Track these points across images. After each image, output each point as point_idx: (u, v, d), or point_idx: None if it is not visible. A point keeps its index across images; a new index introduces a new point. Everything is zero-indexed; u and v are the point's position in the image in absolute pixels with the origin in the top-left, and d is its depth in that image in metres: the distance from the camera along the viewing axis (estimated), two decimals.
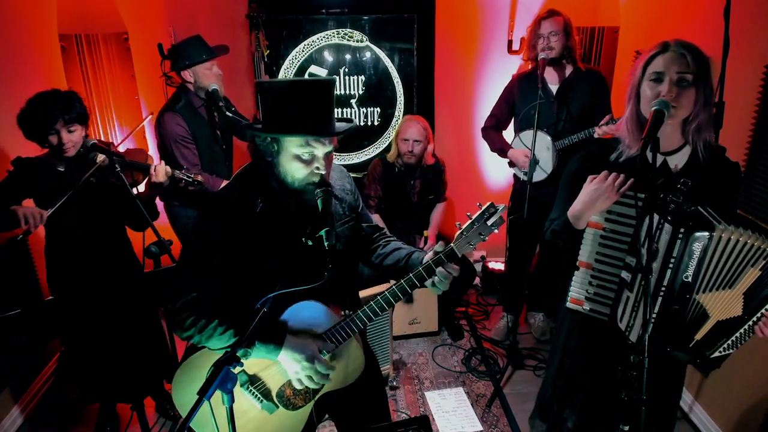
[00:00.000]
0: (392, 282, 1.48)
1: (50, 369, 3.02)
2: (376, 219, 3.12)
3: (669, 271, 1.42)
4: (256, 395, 1.53)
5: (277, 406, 1.55)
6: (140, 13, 3.41)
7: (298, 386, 1.51)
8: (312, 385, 1.50)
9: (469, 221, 1.42)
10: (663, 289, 1.44)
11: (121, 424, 2.67)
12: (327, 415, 1.80)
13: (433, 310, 3.40)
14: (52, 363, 3.05)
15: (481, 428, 2.67)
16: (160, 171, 2.32)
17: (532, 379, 3.01)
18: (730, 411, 2.41)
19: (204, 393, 1.10)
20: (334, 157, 1.52)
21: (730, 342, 1.48)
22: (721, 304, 1.44)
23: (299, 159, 1.38)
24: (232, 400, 1.16)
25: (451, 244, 1.43)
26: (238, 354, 1.31)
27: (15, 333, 1.96)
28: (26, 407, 2.78)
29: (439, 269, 1.42)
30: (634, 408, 1.34)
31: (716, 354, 1.50)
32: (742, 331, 1.46)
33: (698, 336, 1.48)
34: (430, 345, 3.37)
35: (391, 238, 1.76)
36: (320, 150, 1.38)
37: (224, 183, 2.73)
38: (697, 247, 1.38)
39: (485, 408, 2.80)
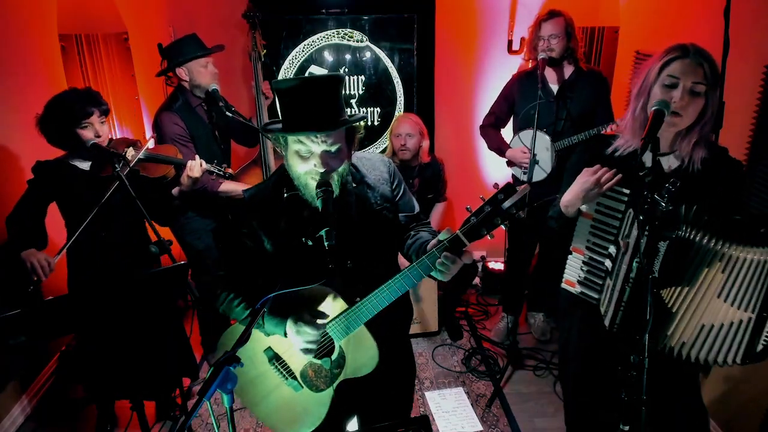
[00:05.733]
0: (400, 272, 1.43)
1: (50, 369, 3.02)
2: None
3: (636, 265, 1.48)
4: (282, 373, 1.62)
5: (302, 386, 1.62)
6: (140, 13, 3.41)
7: (309, 368, 1.58)
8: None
9: (480, 205, 1.29)
10: (631, 281, 1.52)
11: (121, 424, 2.67)
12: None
13: (433, 310, 3.40)
14: (52, 363, 3.05)
15: (481, 428, 2.67)
16: (195, 166, 2.43)
17: (532, 379, 3.01)
18: (730, 411, 2.41)
19: (204, 393, 1.10)
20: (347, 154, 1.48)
21: (766, 336, 1.48)
22: (689, 302, 1.49)
23: (298, 155, 1.41)
24: (232, 400, 1.16)
25: (457, 231, 1.33)
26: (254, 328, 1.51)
27: (15, 333, 1.95)
28: (26, 407, 2.78)
29: (445, 255, 1.33)
30: (634, 408, 1.35)
31: (760, 347, 1.49)
32: None
33: (683, 338, 1.52)
34: (430, 345, 3.37)
35: (423, 228, 1.69)
36: (315, 147, 1.38)
37: (224, 183, 2.73)
38: (662, 246, 1.44)
39: (485, 408, 2.80)
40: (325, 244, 1.35)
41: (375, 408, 1.82)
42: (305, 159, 1.40)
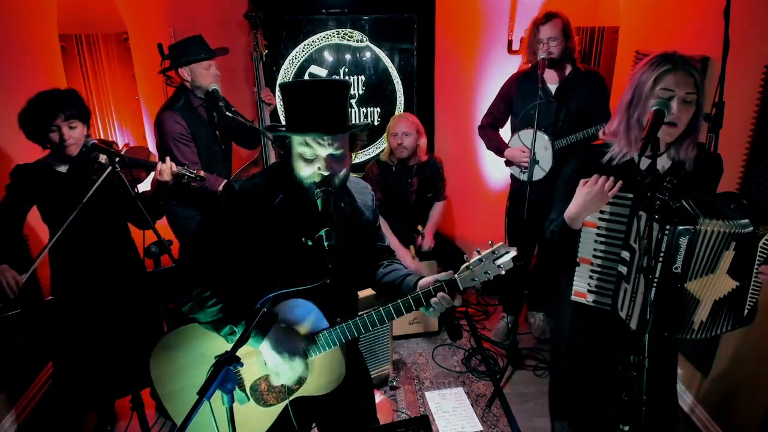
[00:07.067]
0: (389, 301, 1.45)
1: (49, 370, 3.02)
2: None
3: (659, 264, 1.53)
4: None
5: (249, 399, 1.56)
6: (140, 13, 3.41)
7: (274, 381, 1.52)
8: (288, 382, 1.50)
9: (477, 257, 1.39)
10: (655, 280, 1.54)
11: (121, 424, 2.67)
12: (314, 425, 1.81)
13: None
14: (51, 364, 3.04)
15: (481, 428, 2.67)
16: (166, 169, 2.32)
17: (532, 379, 3.01)
18: (730, 411, 2.41)
19: (204, 393, 1.10)
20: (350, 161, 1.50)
21: (749, 300, 1.60)
22: (710, 287, 1.55)
23: (302, 158, 1.40)
24: (231, 400, 1.16)
25: (455, 275, 1.40)
26: (221, 333, 1.43)
27: (14, 333, 1.95)
28: (25, 408, 2.78)
29: (441, 295, 1.40)
30: (634, 408, 1.35)
31: (746, 312, 1.61)
32: (752, 288, 1.58)
33: (701, 318, 1.57)
34: (430, 345, 3.37)
35: (396, 261, 1.76)
36: (321, 151, 1.38)
37: (224, 182, 2.73)
38: (683, 241, 1.49)
39: (485, 408, 2.80)
40: (325, 244, 1.35)
41: (338, 423, 1.78)
42: (309, 162, 1.40)
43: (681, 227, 1.47)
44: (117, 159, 2.14)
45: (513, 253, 1.37)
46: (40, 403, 2.87)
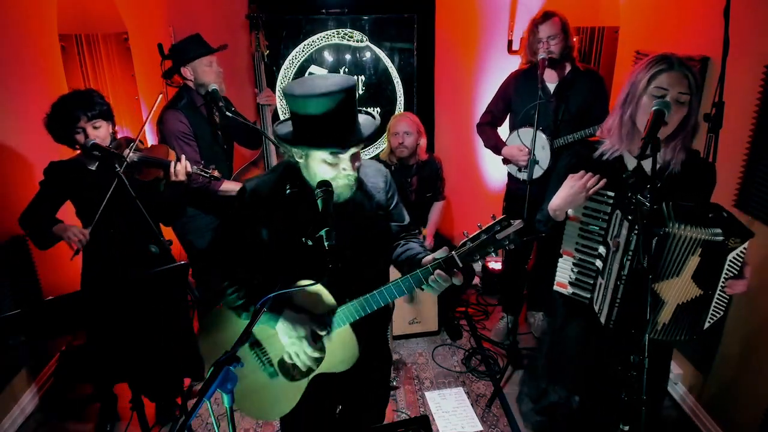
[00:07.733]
0: (391, 281, 1.48)
1: (51, 369, 3.02)
2: None
3: (627, 262, 1.56)
4: (260, 358, 1.64)
5: (278, 374, 1.64)
6: (140, 13, 3.41)
7: (287, 359, 1.60)
8: (299, 363, 1.57)
9: (477, 231, 1.36)
10: (624, 277, 1.58)
11: (121, 424, 2.67)
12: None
13: (433, 310, 3.40)
14: (52, 362, 3.05)
15: (481, 428, 2.67)
16: (180, 170, 2.35)
17: None
18: (730, 411, 2.41)
19: (204, 393, 1.10)
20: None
21: (712, 313, 1.61)
22: (675, 290, 1.57)
23: (326, 163, 1.43)
24: (232, 400, 1.16)
25: (452, 252, 1.39)
26: (242, 318, 1.57)
27: (14, 333, 1.95)
28: (27, 406, 2.78)
29: (438, 273, 1.39)
30: (634, 408, 1.35)
31: (707, 325, 1.63)
32: (715, 301, 1.59)
33: (664, 319, 1.61)
34: (430, 345, 3.37)
35: (413, 239, 1.76)
36: (346, 153, 1.43)
37: (226, 183, 2.73)
38: (651, 242, 1.51)
39: (485, 408, 2.80)
40: (325, 244, 1.35)
41: (353, 402, 1.88)
42: (334, 165, 1.43)
43: (651, 229, 1.49)
44: (123, 162, 2.16)
45: (518, 225, 1.32)
46: (42, 399, 2.88)
